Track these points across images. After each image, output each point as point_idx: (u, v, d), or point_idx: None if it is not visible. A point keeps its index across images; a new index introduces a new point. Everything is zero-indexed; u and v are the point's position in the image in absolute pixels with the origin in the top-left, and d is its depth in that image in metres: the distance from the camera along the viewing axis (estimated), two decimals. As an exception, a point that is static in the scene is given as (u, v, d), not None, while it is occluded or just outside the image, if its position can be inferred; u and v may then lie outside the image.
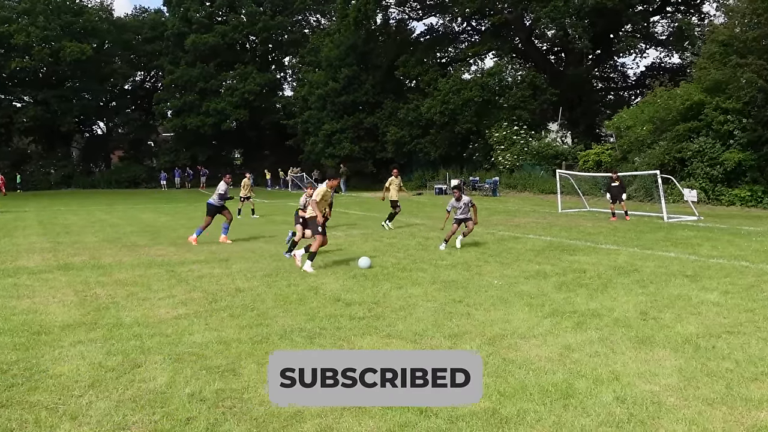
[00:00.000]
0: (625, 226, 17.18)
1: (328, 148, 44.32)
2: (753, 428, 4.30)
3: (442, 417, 4.56)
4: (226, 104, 53.18)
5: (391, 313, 7.66)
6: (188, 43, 53.69)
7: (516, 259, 11.63)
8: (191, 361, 5.92)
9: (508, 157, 34.97)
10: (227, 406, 4.88)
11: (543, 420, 4.50)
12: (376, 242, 14.53)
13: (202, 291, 9.18)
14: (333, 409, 4.75)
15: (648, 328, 6.76)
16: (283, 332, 6.86)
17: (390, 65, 42.51)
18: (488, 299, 8.25)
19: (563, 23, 35.69)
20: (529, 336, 6.56)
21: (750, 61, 22.67)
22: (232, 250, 13.44)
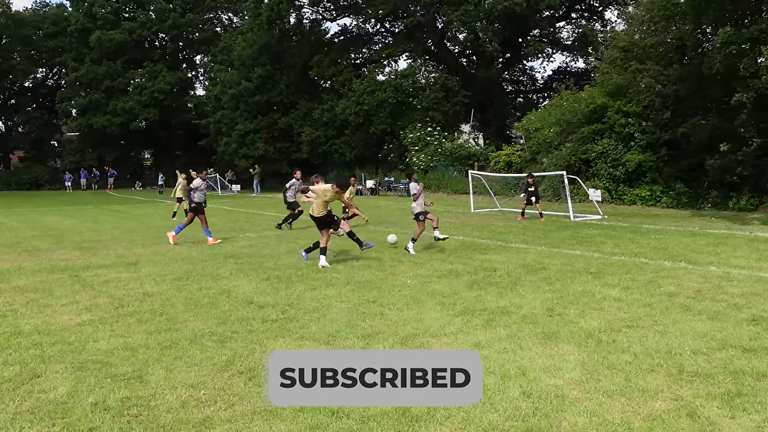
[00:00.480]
0: (534, 225, 17.70)
1: (241, 149, 43.66)
2: (649, 417, 4.52)
3: (353, 417, 4.58)
4: (134, 103, 51.47)
5: (304, 314, 7.63)
6: (93, 40, 51.68)
7: (429, 258, 11.80)
8: (95, 369, 5.73)
9: (422, 158, 35.40)
10: (133, 414, 4.76)
11: (452, 417, 4.59)
12: (290, 243, 14.43)
13: (108, 296, 8.89)
14: (243, 413, 4.71)
15: (554, 324, 6.99)
16: (193, 337, 6.73)
17: (304, 65, 42.27)
18: (401, 299, 8.34)
19: (474, 27, 36.37)
20: (441, 334, 6.67)
21: (648, 66, 23.76)
22: (141, 253, 13.06)
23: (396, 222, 19.05)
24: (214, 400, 4.97)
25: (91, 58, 53.00)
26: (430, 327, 6.95)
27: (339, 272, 10.51)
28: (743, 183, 21.28)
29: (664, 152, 23.44)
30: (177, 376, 5.51)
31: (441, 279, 9.75)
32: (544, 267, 10.63)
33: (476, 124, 40.09)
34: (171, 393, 5.13)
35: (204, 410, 4.79)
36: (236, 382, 5.37)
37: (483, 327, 6.93)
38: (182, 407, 4.84)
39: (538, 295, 8.46)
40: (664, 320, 7.04)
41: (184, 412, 4.75)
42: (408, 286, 9.18)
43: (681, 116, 23.60)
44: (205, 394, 5.09)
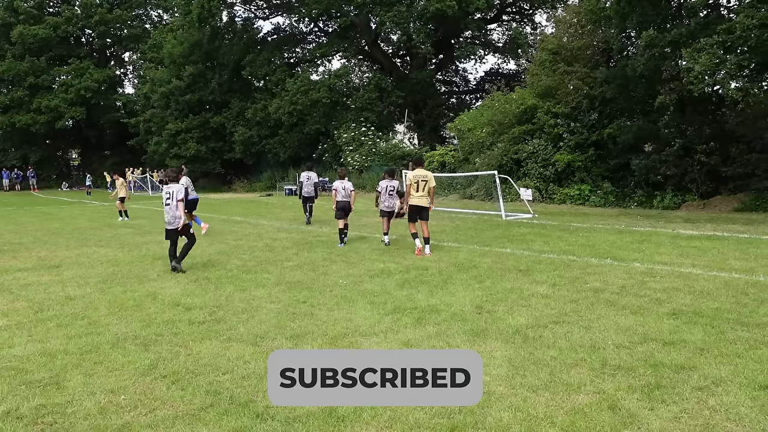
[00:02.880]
0: (467, 224, 17.87)
1: (173, 149, 42.81)
2: (572, 411, 4.59)
3: (278, 419, 4.52)
4: (60, 101, 49.80)
5: (232, 316, 7.50)
6: (15, 35, 49.73)
7: (362, 258, 11.77)
8: (9, 376, 5.49)
9: (357, 158, 35.39)
10: (47, 422, 4.56)
11: (378, 416, 4.56)
12: (221, 244, 14.18)
13: (26, 300, 8.54)
14: (165, 418, 4.58)
15: (482, 321, 7.05)
16: (116, 340, 6.53)
17: (237, 64, 41.72)
18: (332, 299, 8.28)
19: (407, 28, 36.63)
20: (371, 334, 6.65)
21: (576, 69, 24.36)
22: (64, 255, 12.61)
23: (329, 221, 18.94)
24: (134, 405, 4.81)
25: (13, 54, 51.06)
26: (360, 326, 6.92)
27: (270, 273, 10.37)
28: (667, 182, 22.03)
29: (592, 152, 24.06)
30: (96, 382, 5.32)
31: (373, 278, 9.73)
32: (475, 265, 10.73)
33: (410, 125, 40.37)
34: (89, 399, 4.95)
35: (123, 416, 4.63)
36: (158, 386, 5.22)
37: (413, 325, 6.93)
38: (100, 413, 4.67)
39: (468, 293, 8.53)
40: (590, 315, 7.19)
41: (102, 419, 4.58)
42: (339, 286, 9.13)
43: (608, 117, 24.30)
44: (125, 399, 4.93)
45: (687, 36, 18.40)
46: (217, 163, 43.44)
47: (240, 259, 11.89)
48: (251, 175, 43.24)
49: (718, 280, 9.09)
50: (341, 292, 8.74)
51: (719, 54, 16.87)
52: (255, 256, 12.27)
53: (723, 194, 21.17)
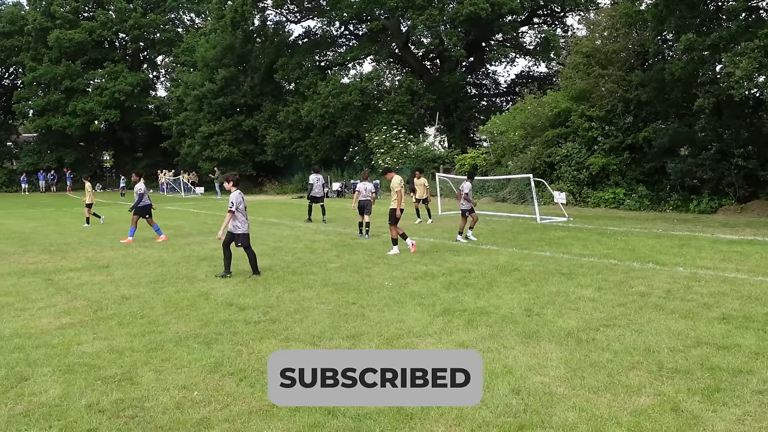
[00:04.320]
0: (502, 228, 17.92)
1: (205, 151, 43.27)
2: (635, 412, 4.69)
3: (349, 416, 4.67)
4: (94, 104, 50.65)
5: (286, 316, 7.68)
6: (52, 39, 50.69)
7: (403, 260, 11.91)
8: (83, 372, 5.72)
9: (387, 161, 35.52)
10: (129, 415, 4.77)
11: (446, 414, 4.70)
12: (262, 246, 14.38)
13: (84, 299, 8.82)
14: (240, 413, 4.76)
15: (533, 323, 7.16)
16: (178, 339, 6.74)
17: (269, 67, 42.07)
18: (381, 300, 8.44)
19: (438, 31, 36.69)
20: (424, 335, 6.78)
21: (610, 72, 24.27)
22: (111, 256, 12.93)
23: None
24: (208, 401, 5.00)
25: (50, 58, 51.98)
26: (413, 327, 7.06)
27: (315, 274, 10.56)
28: (703, 186, 21.86)
29: (627, 156, 23.94)
30: (167, 378, 5.52)
31: (417, 280, 9.87)
32: (517, 268, 10.82)
33: (441, 127, 40.42)
34: (164, 394, 5.15)
35: (200, 411, 4.82)
36: (228, 382, 5.41)
37: (465, 327, 7.06)
38: (177, 408, 4.87)
39: (514, 295, 8.63)
40: (639, 319, 7.26)
41: (180, 413, 4.78)
42: (386, 288, 9.29)
43: (643, 121, 24.16)
44: (198, 395, 5.12)
45: (727, 40, 18.26)
46: (249, 166, 43.83)
47: (283, 261, 12.10)
48: (282, 178, 43.58)
49: (765, 285, 9.09)
50: (389, 293, 8.89)
51: (760, 58, 16.74)
52: (297, 258, 12.47)
53: (761, 198, 20.97)
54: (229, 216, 10.37)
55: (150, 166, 53.45)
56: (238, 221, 10.44)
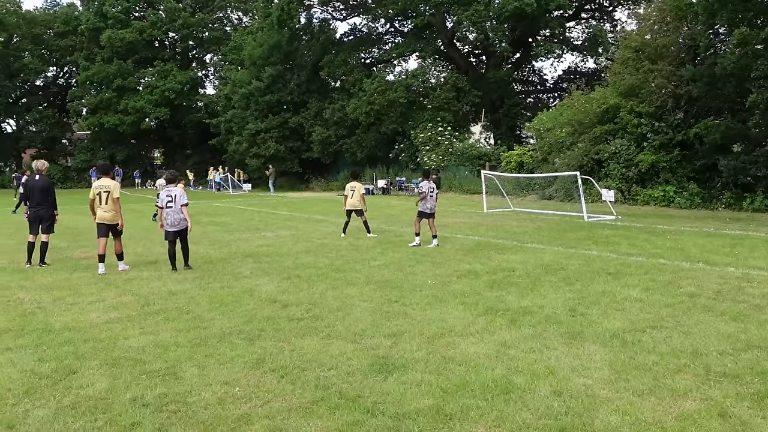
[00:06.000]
0: (548, 226, 17.71)
1: (252, 148, 43.79)
2: (681, 417, 4.58)
3: (388, 415, 4.66)
4: (145, 102, 51.74)
5: (328, 313, 7.72)
6: (104, 39, 51.92)
7: (447, 258, 11.86)
8: (129, 366, 5.83)
9: (433, 158, 35.44)
10: (172, 410, 4.84)
11: (486, 415, 4.66)
12: (307, 243, 14.53)
13: (133, 294, 9.01)
14: (280, 410, 4.80)
15: (577, 324, 7.05)
16: (222, 334, 6.83)
17: (315, 65, 42.36)
18: (424, 298, 8.41)
19: (484, 27, 36.40)
20: (466, 334, 6.74)
21: (660, 67, 23.75)
22: (160, 252, 13.17)
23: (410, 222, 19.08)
24: (249, 397, 5.05)
25: (102, 57, 53.27)
26: (455, 326, 7.02)
27: (358, 272, 10.59)
28: (757, 183, 21.25)
29: (678, 153, 23.41)
30: (210, 373, 5.60)
31: (461, 279, 9.82)
32: (563, 267, 10.68)
33: (487, 124, 40.13)
34: (206, 390, 5.22)
35: (241, 407, 4.87)
36: (269, 379, 5.46)
37: (507, 327, 6.99)
38: (219, 404, 4.93)
39: (559, 295, 8.52)
40: (687, 321, 7.09)
41: (221, 409, 4.84)
42: (429, 286, 9.26)
43: (694, 117, 23.61)
44: (239, 391, 5.18)
45: (782, 33, 17.73)
46: (295, 162, 44.24)
47: (327, 258, 12.17)
48: (328, 174, 43.82)
49: (821, 286, 8.79)
50: (431, 292, 8.86)
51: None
52: (341, 255, 12.52)
53: (818, 196, 20.30)
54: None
55: (199, 163, 54.41)
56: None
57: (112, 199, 11.03)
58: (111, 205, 11.02)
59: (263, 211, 25.22)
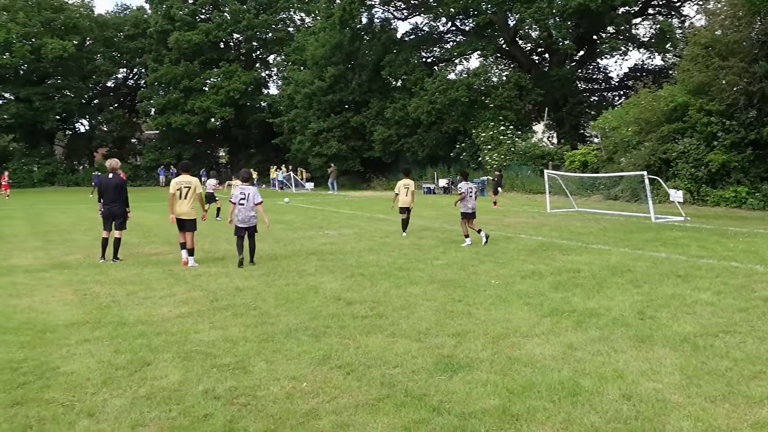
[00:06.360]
0: (614, 226, 17.37)
1: (315, 147, 44.31)
2: (756, 425, 4.45)
3: (454, 414, 4.67)
4: (211, 102, 52.95)
5: (393, 311, 7.76)
6: (171, 41, 53.38)
7: (510, 258, 11.77)
8: (200, 359, 6.00)
9: (495, 157, 35.17)
10: (242, 403, 4.96)
11: (553, 417, 4.62)
12: (369, 241, 14.63)
13: (202, 290, 9.25)
14: (347, 406, 4.86)
15: (646, 327, 6.91)
16: (288, 330, 6.95)
17: (376, 64, 42.58)
18: (487, 298, 8.38)
19: (547, 24, 35.93)
20: (532, 335, 6.69)
21: (732, 63, 22.98)
22: (226, 249, 13.49)
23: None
24: (316, 393, 5.14)
25: (170, 59, 54.76)
26: (520, 327, 6.97)
27: (421, 271, 10.62)
28: (836, 184, 20.39)
29: (750, 152, 22.61)
30: (278, 368, 5.71)
31: (525, 279, 9.73)
32: (630, 269, 10.47)
33: (550, 123, 39.57)
34: (275, 384, 5.33)
35: (308, 402, 4.95)
36: (335, 375, 5.53)
37: (573, 328, 6.90)
38: (287, 398, 5.03)
39: (626, 297, 8.36)
40: (763, 326, 6.86)
41: (289, 403, 4.93)
42: (492, 286, 9.21)
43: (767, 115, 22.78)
44: (307, 386, 5.27)
45: None
46: (357, 162, 44.58)
47: (390, 257, 12.23)
48: (389, 174, 43.96)
49: None
50: (495, 292, 8.81)
51: None
52: (404, 254, 12.57)
53: None
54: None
55: (262, 162, 55.34)
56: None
57: (193, 194, 11.63)
58: (190, 200, 11.59)
59: (326, 209, 25.49)
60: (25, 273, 10.96)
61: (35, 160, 57.74)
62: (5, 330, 7.11)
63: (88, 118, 63.67)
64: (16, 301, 8.68)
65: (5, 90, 57.27)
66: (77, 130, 65.09)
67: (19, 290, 9.43)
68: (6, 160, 57.67)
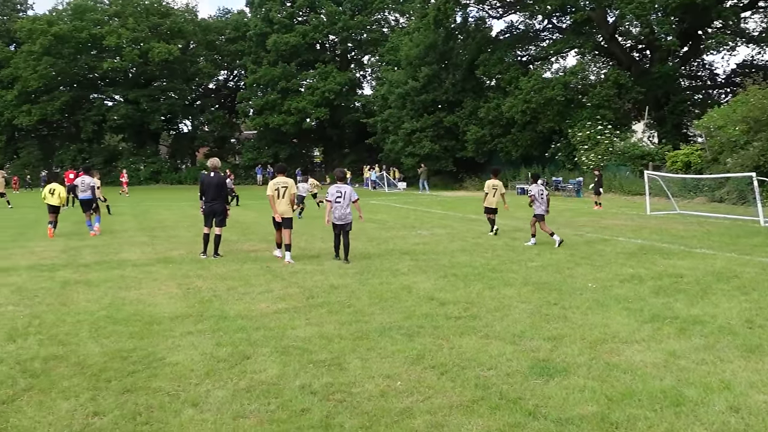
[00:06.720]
0: (719, 230, 16.60)
1: (408, 147, 44.48)
2: None
3: (550, 419, 4.59)
4: (306, 103, 54.07)
5: (486, 313, 7.70)
6: (270, 43, 54.83)
7: (608, 262, 11.45)
8: (297, 355, 6.13)
9: (592, 158, 34.29)
10: (338, 399, 5.04)
11: (654, 427, 4.47)
12: (462, 242, 14.56)
13: (298, 287, 9.45)
14: (441, 406, 4.86)
15: (755, 336, 6.57)
16: (382, 329, 7.01)
17: (470, 64, 42.32)
18: (584, 302, 8.18)
19: (649, 20, 34.72)
20: (631, 341, 6.49)
21: None
22: (321, 247, 13.74)
23: (567, 223, 18.63)
24: (410, 392, 5.16)
25: (268, 61, 56.26)
26: (619, 332, 6.77)
27: (515, 272, 10.48)
28: None
29: None
30: (372, 366, 5.77)
31: (623, 283, 9.45)
32: (737, 275, 9.98)
33: (650, 122, 38.22)
34: (369, 382, 5.38)
35: (403, 400, 4.98)
36: (429, 375, 5.54)
37: (676, 336, 6.65)
38: (382, 396, 5.07)
39: (733, 304, 7.98)
40: None
41: (384, 401, 4.97)
42: (589, 290, 8.99)
43: None
44: (401, 385, 5.30)
45: None
46: (450, 162, 44.44)
47: (483, 257, 12.13)
48: (482, 174, 43.59)
49: None
50: (592, 295, 8.60)
51: None
52: (497, 255, 12.44)
53: None
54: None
55: (356, 161, 56.04)
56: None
57: (289, 194, 12.11)
58: (287, 199, 12.08)
59: (418, 209, 25.56)
60: (133, 267, 11.52)
61: (142, 159, 60.63)
62: (116, 321, 7.50)
63: (190, 119, 66.41)
64: (126, 293, 9.14)
65: (115, 92, 60.50)
66: (180, 130, 68.01)
67: (128, 283, 9.93)
68: (115, 159, 60.96)
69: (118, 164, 59.02)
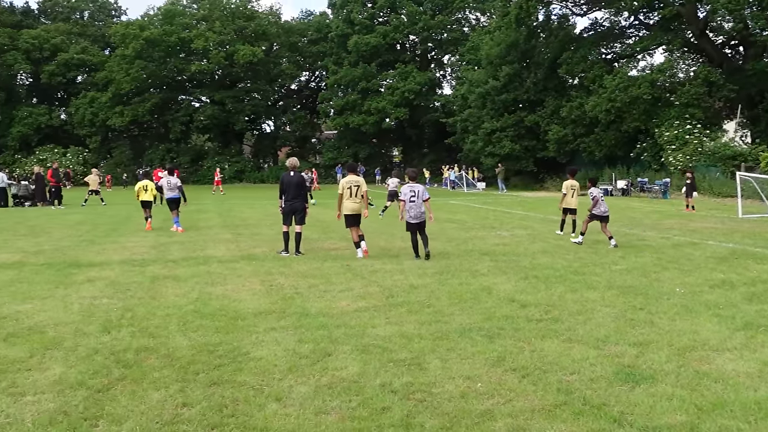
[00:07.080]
0: (818, 234, 15.76)
1: (487, 147, 44.14)
2: None
3: (637, 427, 4.47)
4: (386, 103, 54.41)
5: (568, 316, 7.56)
6: (351, 44, 55.45)
7: (697, 266, 11.05)
8: (377, 353, 6.17)
9: (679, 158, 33.14)
10: (418, 399, 5.04)
11: (750, 439, 4.29)
12: (543, 243, 14.35)
13: (378, 286, 9.52)
14: (522, 409, 4.79)
15: None
16: (462, 330, 6.97)
17: (552, 62, 41.63)
18: (672, 308, 7.92)
19: (743, 15, 33.27)
20: (722, 349, 6.23)
21: None
22: (401, 246, 13.78)
23: (654, 225, 18.08)
24: (491, 394, 5.11)
25: (349, 62, 56.91)
26: (709, 340, 6.52)
27: (598, 275, 10.24)
28: None
29: None
30: (453, 367, 5.75)
31: (713, 289, 9.09)
32: (838, 282, 9.46)
33: (743, 121, 36.64)
34: (450, 382, 5.37)
35: (483, 402, 4.94)
36: (510, 378, 5.48)
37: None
38: (462, 397, 5.05)
39: (835, 314, 7.56)
40: None
41: (464, 402, 4.95)
42: (677, 295, 8.69)
43: None
44: (481, 387, 5.26)
45: None
46: (530, 162, 43.86)
47: (565, 259, 11.91)
48: (564, 174, 42.83)
49: None
50: (680, 301, 8.31)
51: None
52: (579, 257, 12.19)
53: None
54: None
55: (435, 161, 56.03)
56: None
57: (361, 192, 12.41)
58: (359, 198, 12.40)
59: (498, 209, 25.32)
60: (218, 263, 11.86)
61: (226, 158, 62.37)
62: (203, 315, 7.74)
63: (273, 119, 67.87)
64: (212, 288, 9.42)
65: (202, 94, 62.46)
66: (263, 130, 69.60)
67: (213, 279, 10.23)
68: (201, 159, 62.94)
69: (203, 163, 60.91)
